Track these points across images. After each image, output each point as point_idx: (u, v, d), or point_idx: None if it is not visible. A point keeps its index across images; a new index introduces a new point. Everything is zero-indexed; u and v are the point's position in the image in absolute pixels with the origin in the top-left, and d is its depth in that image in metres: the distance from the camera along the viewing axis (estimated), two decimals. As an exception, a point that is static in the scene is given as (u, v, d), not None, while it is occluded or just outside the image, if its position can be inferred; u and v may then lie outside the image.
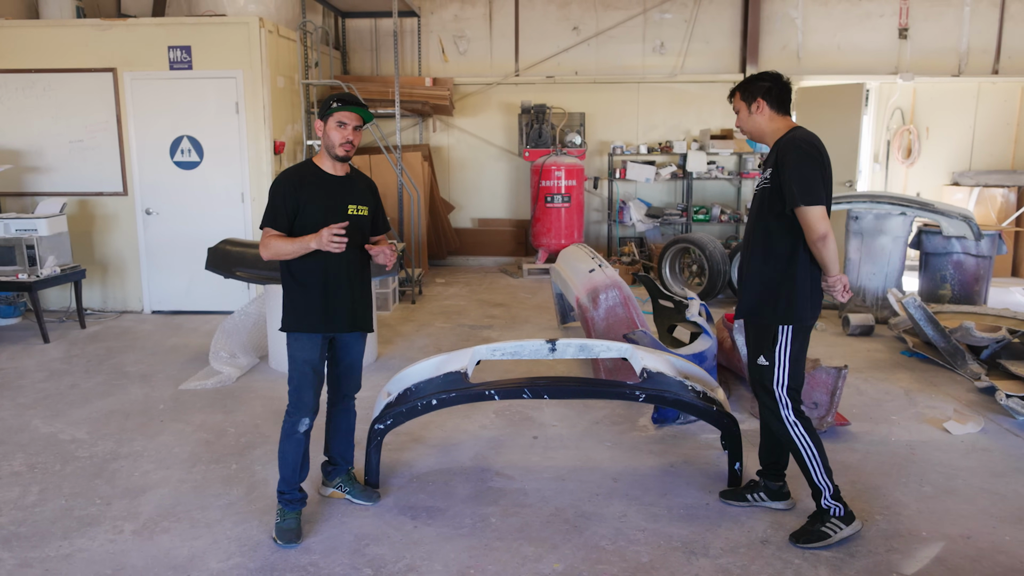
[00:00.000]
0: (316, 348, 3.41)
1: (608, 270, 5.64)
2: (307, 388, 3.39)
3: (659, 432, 4.68)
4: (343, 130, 3.32)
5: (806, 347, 3.39)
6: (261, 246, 3.31)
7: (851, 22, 10.26)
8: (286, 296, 3.43)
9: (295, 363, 3.39)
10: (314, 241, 3.23)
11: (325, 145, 3.38)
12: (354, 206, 3.47)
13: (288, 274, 3.40)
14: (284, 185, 3.32)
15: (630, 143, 10.41)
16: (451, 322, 7.32)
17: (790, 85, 3.40)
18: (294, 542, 3.34)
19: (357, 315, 3.51)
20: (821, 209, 3.15)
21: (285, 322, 3.41)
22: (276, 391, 5.31)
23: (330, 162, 3.41)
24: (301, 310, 3.37)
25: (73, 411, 4.93)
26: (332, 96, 3.36)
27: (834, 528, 3.33)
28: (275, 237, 3.30)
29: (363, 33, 10.41)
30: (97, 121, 7.34)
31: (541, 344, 4.16)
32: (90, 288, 7.57)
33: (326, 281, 3.37)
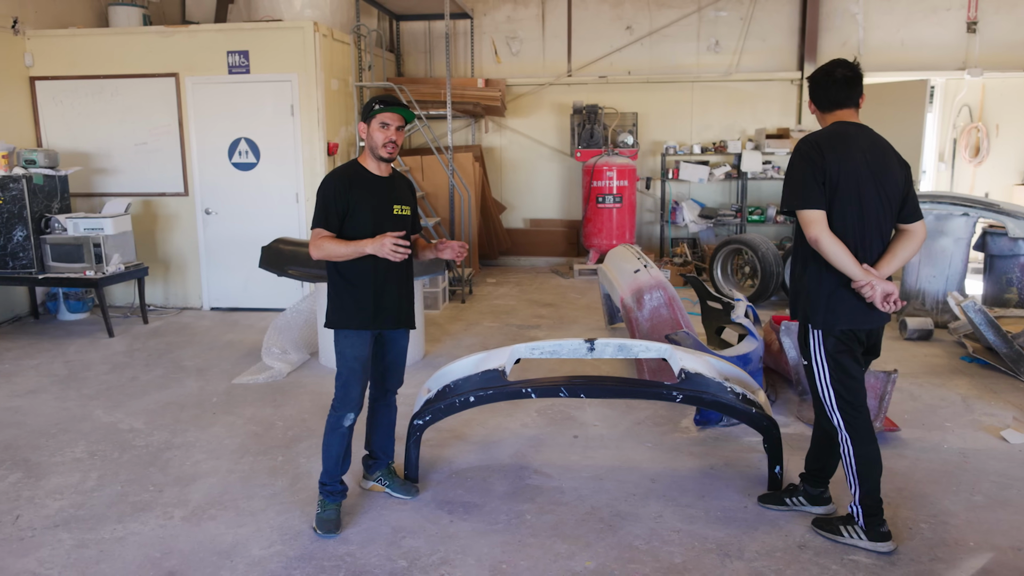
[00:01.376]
0: (365, 345, 3.49)
1: (653, 271, 5.61)
2: (354, 384, 3.47)
3: (701, 434, 4.64)
4: (386, 131, 3.39)
5: (852, 354, 3.24)
6: (312, 246, 3.38)
7: (915, 17, 9.94)
8: (333, 293, 3.51)
9: (344, 359, 3.48)
10: (371, 247, 3.30)
11: (369, 146, 3.46)
12: (398, 206, 3.55)
13: (336, 273, 3.48)
14: (334, 186, 3.39)
15: (683, 143, 10.30)
16: (499, 321, 7.37)
17: (837, 80, 3.21)
18: (333, 532, 3.43)
19: (403, 312, 3.58)
20: (810, 213, 3.07)
21: (333, 319, 3.49)
22: (324, 387, 5.44)
23: (374, 162, 3.49)
24: (350, 308, 3.45)
25: (132, 402, 5.14)
26: (373, 98, 3.44)
27: (851, 533, 3.29)
28: (327, 239, 3.36)
29: (417, 35, 10.56)
30: (160, 124, 7.63)
31: (579, 343, 4.17)
32: (152, 285, 7.87)
33: (375, 280, 3.45)
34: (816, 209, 3.07)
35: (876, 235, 3.17)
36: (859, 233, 3.13)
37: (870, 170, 3.12)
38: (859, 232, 3.13)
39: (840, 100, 3.22)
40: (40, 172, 6.93)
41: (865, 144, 3.15)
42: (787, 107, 10.34)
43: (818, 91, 3.27)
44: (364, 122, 3.44)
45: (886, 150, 3.20)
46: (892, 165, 3.18)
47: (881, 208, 3.15)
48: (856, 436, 3.25)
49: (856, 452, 3.24)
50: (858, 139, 3.14)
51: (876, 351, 3.41)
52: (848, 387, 3.24)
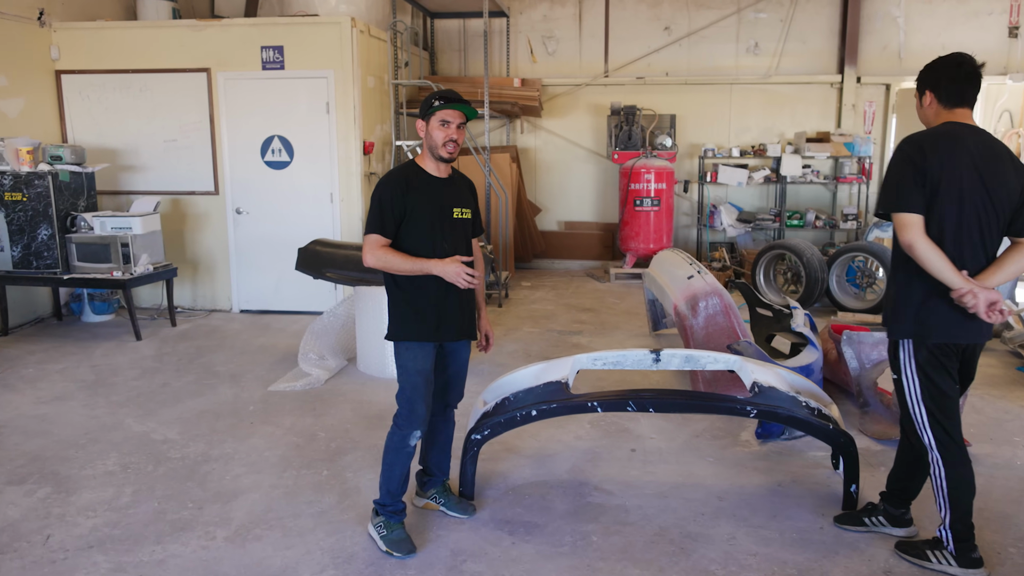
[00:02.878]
0: (429, 357, 3.25)
1: (708, 277, 5.33)
2: (419, 399, 3.22)
3: (763, 448, 4.39)
4: (447, 129, 3.15)
5: (946, 370, 2.98)
6: (368, 252, 3.13)
7: (957, 21, 9.64)
8: (394, 305, 3.27)
9: (407, 373, 3.22)
10: (438, 269, 3.09)
11: (428, 146, 3.21)
12: (458, 209, 3.31)
13: (394, 284, 3.24)
14: (391, 188, 3.15)
15: (722, 146, 10.02)
16: (539, 327, 7.12)
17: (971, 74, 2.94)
18: (413, 552, 3.21)
19: (465, 322, 3.34)
20: (905, 216, 2.86)
21: (395, 331, 3.25)
22: (365, 395, 5.20)
23: (433, 163, 3.25)
24: (412, 319, 3.21)
25: (164, 410, 4.91)
26: (434, 94, 3.19)
27: (940, 558, 3.08)
28: (385, 249, 3.12)
29: (451, 34, 10.33)
30: (191, 121, 7.43)
31: (644, 354, 3.91)
32: (181, 286, 7.66)
33: (437, 290, 3.20)
34: (912, 213, 2.85)
35: (978, 245, 2.91)
36: (956, 241, 2.88)
37: (979, 176, 2.86)
38: (956, 240, 2.88)
39: (966, 97, 2.97)
40: (66, 169, 6.74)
41: (977, 148, 2.88)
42: (827, 110, 10.04)
43: (945, 83, 2.98)
44: (422, 119, 3.20)
45: (1001, 156, 2.93)
46: (1006, 173, 2.92)
47: (987, 217, 2.89)
48: (948, 457, 3.01)
49: (948, 474, 3.01)
50: (968, 142, 2.88)
51: (971, 374, 3.15)
52: (941, 405, 3.00)
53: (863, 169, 9.64)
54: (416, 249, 3.16)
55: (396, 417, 3.26)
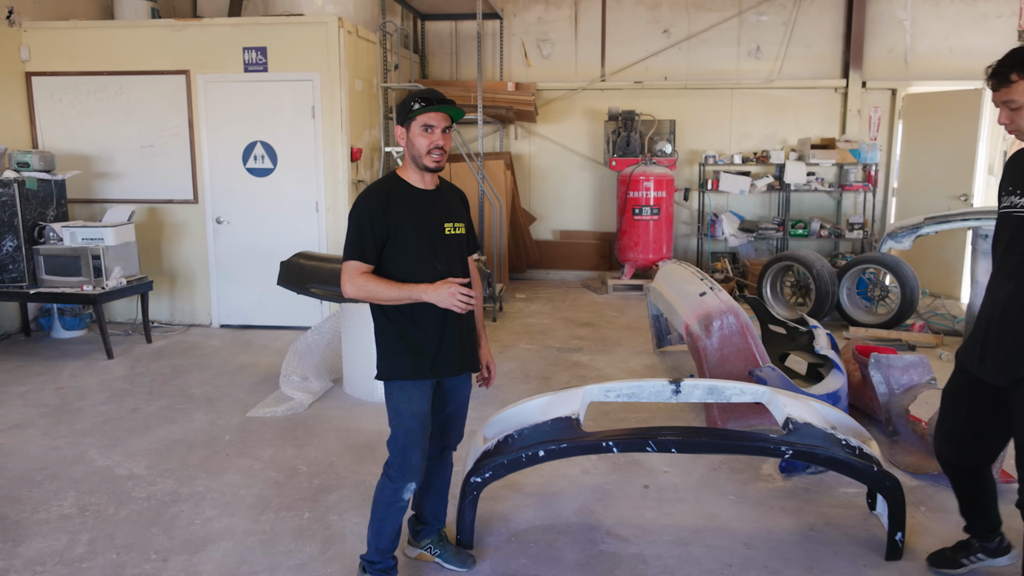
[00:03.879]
0: (426, 398, 2.85)
1: (722, 294, 4.98)
2: (415, 447, 2.82)
3: (788, 483, 4.02)
4: (430, 135, 2.74)
5: None
6: (346, 281, 2.73)
7: (965, 23, 9.36)
8: (383, 338, 2.86)
9: (400, 417, 2.83)
10: (429, 294, 2.69)
11: (410, 155, 2.80)
12: (450, 224, 2.91)
13: (383, 315, 2.83)
14: (370, 208, 2.73)
15: (723, 152, 9.69)
16: (536, 343, 6.74)
17: None
18: None
19: (466, 355, 2.94)
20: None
21: (386, 369, 2.84)
22: (351, 421, 4.81)
23: (418, 174, 2.84)
24: (404, 354, 2.81)
25: (132, 440, 4.50)
26: (413, 95, 2.78)
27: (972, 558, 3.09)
28: (367, 277, 2.72)
29: (442, 36, 9.96)
30: (168, 125, 7.02)
31: (663, 385, 3.55)
32: (157, 300, 7.25)
33: (433, 319, 2.80)
34: None
35: None
36: None
37: None
38: None
39: None
40: (34, 176, 6.32)
41: None
42: (831, 116, 9.73)
43: None
44: (401, 125, 2.79)
45: None
46: None
47: None
48: None
49: None
50: None
51: None
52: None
53: (868, 176, 9.34)
54: (405, 274, 2.77)
55: (387, 467, 2.87)
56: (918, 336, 6.94)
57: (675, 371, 5.97)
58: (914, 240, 7.06)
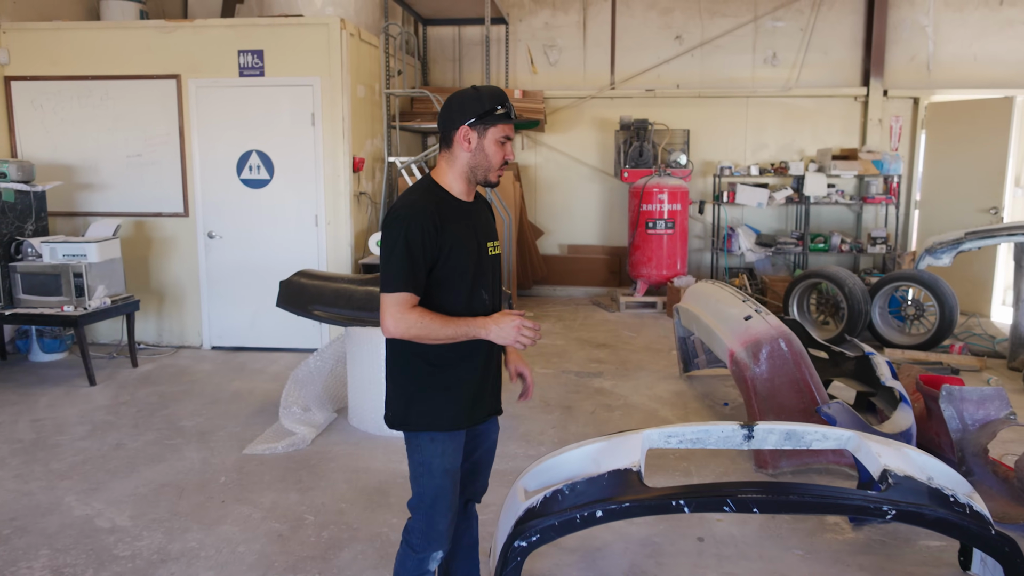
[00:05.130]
0: (460, 450, 2.41)
1: (770, 317, 4.53)
2: (444, 510, 2.37)
3: (859, 534, 3.58)
4: (505, 147, 2.34)
5: None
6: (390, 317, 2.22)
7: (989, 30, 9.02)
8: (409, 379, 2.38)
9: (430, 475, 2.36)
10: (491, 331, 2.23)
11: (471, 163, 2.33)
12: (491, 244, 2.47)
13: (415, 352, 2.35)
14: (423, 225, 2.22)
15: (738, 163, 9.29)
16: (552, 367, 6.28)
17: None
18: None
19: (496, 393, 2.51)
20: None
21: (413, 417, 2.37)
22: (360, 459, 4.33)
23: (465, 184, 2.38)
24: (443, 399, 2.35)
25: (115, 484, 4.00)
26: (492, 95, 2.31)
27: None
28: (419, 313, 2.22)
29: (445, 42, 9.53)
30: (157, 133, 6.54)
31: (733, 429, 3.07)
32: (144, 320, 6.74)
33: (475, 358, 2.37)
34: None
35: None
36: None
37: None
38: None
39: None
40: (11, 187, 5.84)
41: None
42: (850, 126, 9.36)
43: None
44: (470, 127, 2.30)
45: None
46: None
47: None
48: None
49: None
50: None
51: None
52: None
53: (891, 189, 8.96)
54: (449, 306, 2.31)
55: (408, 534, 2.40)
56: (960, 359, 6.52)
57: (707, 398, 5.53)
58: (955, 256, 6.68)
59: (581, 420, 5.03)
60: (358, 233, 6.84)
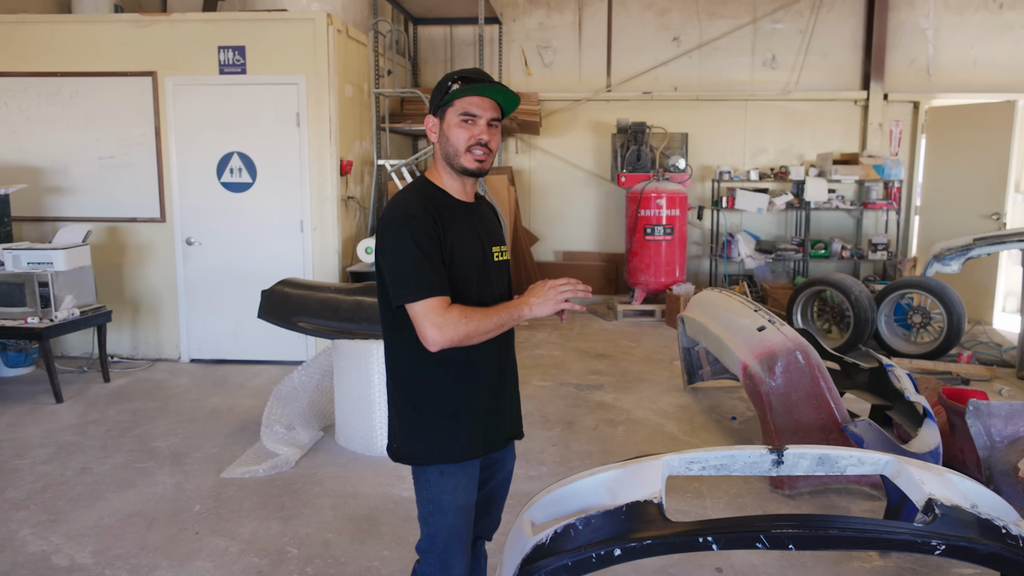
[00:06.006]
0: (474, 484, 2.13)
1: (786, 329, 4.25)
2: (458, 552, 2.09)
3: (887, 562, 3.31)
4: (470, 127, 2.03)
5: None
6: (432, 327, 1.93)
7: (990, 34, 8.84)
8: (411, 407, 2.09)
9: (441, 513, 2.07)
10: (533, 308, 2.00)
11: (443, 153, 2.08)
12: (497, 248, 2.20)
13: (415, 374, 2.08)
14: (423, 220, 1.98)
15: (737, 168, 9.05)
16: (550, 379, 5.98)
17: None
18: None
19: (516, 417, 2.23)
20: None
21: (420, 449, 2.09)
22: (348, 483, 4.00)
23: (456, 181, 2.11)
24: (454, 427, 2.06)
25: (78, 514, 3.64)
26: (451, 73, 2.06)
27: None
28: (460, 311, 1.96)
29: (436, 42, 9.23)
30: (132, 134, 6.20)
31: (760, 454, 2.72)
32: (118, 331, 6.38)
33: (488, 373, 2.09)
34: None
35: None
36: None
37: None
38: None
39: None
40: (-27, 190, 5.49)
41: None
42: (850, 130, 9.15)
43: None
44: (433, 114, 2.08)
45: None
46: None
47: None
48: None
49: None
50: None
51: None
52: None
53: (891, 194, 8.74)
54: None
55: None
56: (969, 368, 6.28)
57: (713, 412, 5.24)
58: (963, 263, 6.46)
59: (583, 437, 4.73)
60: (346, 239, 6.52)
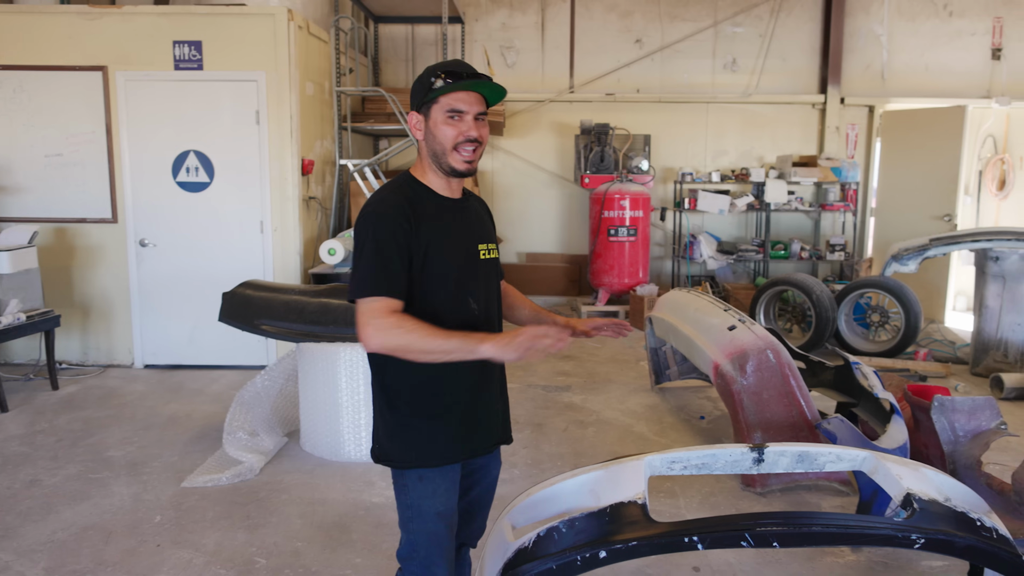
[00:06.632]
0: (455, 489, 2.07)
1: (756, 327, 4.26)
2: (440, 560, 2.03)
3: (859, 556, 3.35)
4: (457, 123, 1.97)
5: None
6: (369, 328, 1.87)
7: (940, 41, 9.07)
8: (391, 408, 2.03)
9: (421, 518, 2.01)
10: (497, 350, 1.85)
11: (429, 151, 2.02)
12: (484, 246, 2.14)
13: (394, 374, 2.02)
14: (394, 220, 1.92)
15: (699, 170, 9.11)
16: (518, 381, 5.91)
17: None
18: None
19: (503, 421, 2.16)
20: None
21: (398, 452, 2.02)
22: (316, 490, 3.88)
23: (441, 178, 2.06)
24: (432, 430, 2.00)
25: (28, 528, 3.46)
26: (434, 67, 1.99)
27: None
28: (400, 318, 1.87)
29: (397, 41, 9.11)
30: (81, 131, 5.97)
31: (741, 452, 2.73)
32: (67, 337, 6.13)
33: (469, 380, 2.02)
34: None
35: None
36: None
37: None
38: None
39: None
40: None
41: None
42: (808, 133, 9.28)
43: None
44: (417, 111, 2.02)
45: None
46: None
47: None
48: None
49: None
50: None
51: None
52: None
53: (848, 196, 8.88)
54: (429, 315, 1.94)
55: None
56: (926, 365, 6.41)
57: (681, 411, 5.24)
58: (920, 263, 6.59)
59: (554, 438, 4.68)
60: (307, 240, 6.37)
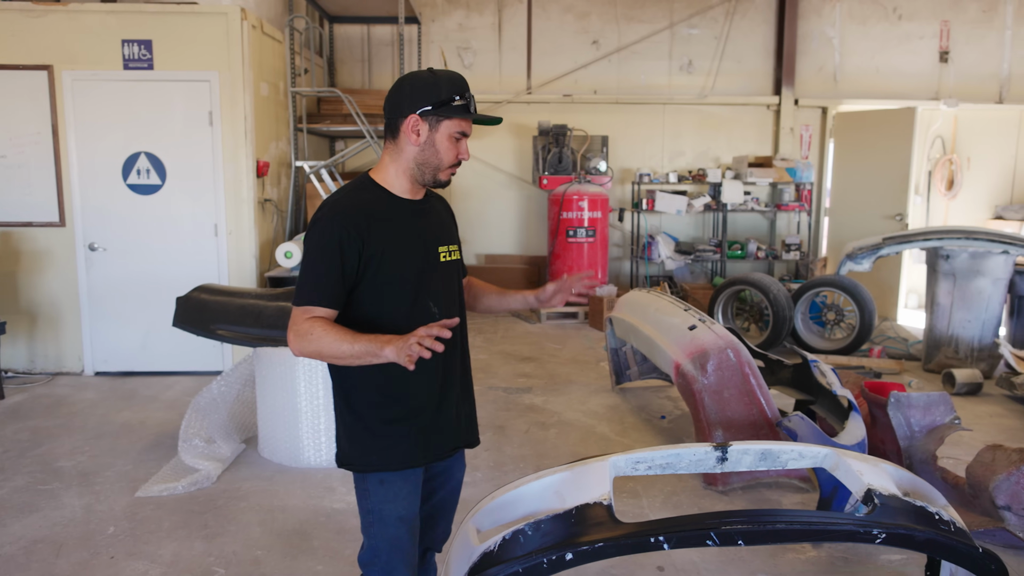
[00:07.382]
0: (416, 492, 2.04)
1: (716, 327, 4.31)
2: (401, 564, 2.02)
3: (819, 552, 3.39)
4: (459, 144, 2.01)
5: None
6: (293, 332, 1.90)
7: (890, 44, 9.31)
8: (350, 412, 2.02)
9: (382, 523, 1.99)
10: (390, 349, 1.79)
11: (418, 159, 2.00)
12: (444, 248, 2.14)
13: (352, 376, 2.01)
14: (341, 230, 1.91)
15: (656, 170, 9.20)
16: (478, 383, 5.89)
17: None
18: None
19: (468, 423, 2.14)
20: None
21: (358, 456, 2.01)
22: (276, 497, 3.81)
23: (409, 182, 2.04)
24: (393, 433, 1.98)
25: (-25, 543, 3.35)
26: (445, 84, 1.96)
27: None
28: (311, 323, 1.87)
29: (353, 41, 9.02)
30: (26, 132, 5.78)
31: (705, 452, 2.75)
32: (12, 344, 5.94)
33: (427, 382, 2.00)
34: None
35: None
36: None
37: None
38: None
39: None
40: None
41: None
42: (763, 134, 9.45)
43: None
44: (422, 117, 1.96)
45: None
46: None
47: None
48: None
49: None
50: None
51: None
52: None
53: (802, 196, 9.06)
54: (387, 319, 1.96)
55: None
56: (880, 362, 6.56)
57: (642, 411, 5.27)
58: (874, 261, 6.73)
59: (516, 440, 4.67)
60: (263, 243, 6.27)
